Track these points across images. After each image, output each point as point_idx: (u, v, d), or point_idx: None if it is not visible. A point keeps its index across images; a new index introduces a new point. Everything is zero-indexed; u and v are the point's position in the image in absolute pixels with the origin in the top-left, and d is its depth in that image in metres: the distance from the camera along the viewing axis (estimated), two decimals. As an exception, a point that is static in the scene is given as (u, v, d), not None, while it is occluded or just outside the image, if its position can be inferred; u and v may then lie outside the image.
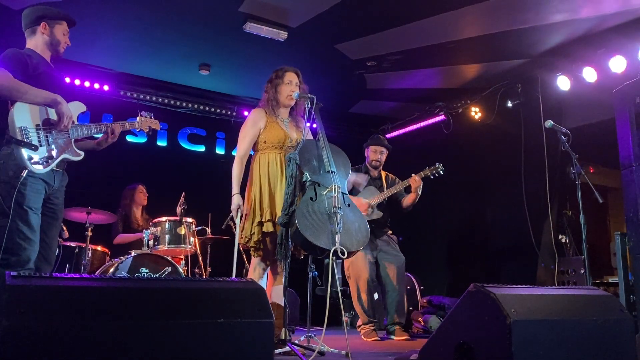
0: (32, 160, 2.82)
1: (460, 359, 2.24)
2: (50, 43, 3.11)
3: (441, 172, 4.84)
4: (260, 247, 3.45)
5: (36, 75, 2.94)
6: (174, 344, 1.74)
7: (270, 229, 3.39)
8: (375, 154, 5.05)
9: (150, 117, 3.58)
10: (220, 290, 1.95)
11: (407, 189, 4.93)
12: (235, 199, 3.50)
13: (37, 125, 2.89)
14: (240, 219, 3.50)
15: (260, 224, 3.42)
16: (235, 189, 3.53)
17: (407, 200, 4.91)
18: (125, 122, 3.37)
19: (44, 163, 2.87)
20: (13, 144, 2.79)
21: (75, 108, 3.11)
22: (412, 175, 4.81)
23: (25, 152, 2.80)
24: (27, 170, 2.79)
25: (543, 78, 5.84)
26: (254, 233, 3.42)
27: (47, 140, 2.91)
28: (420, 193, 4.80)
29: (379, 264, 4.93)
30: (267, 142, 3.56)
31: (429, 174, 4.84)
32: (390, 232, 5.07)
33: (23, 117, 2.84)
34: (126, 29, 5.28)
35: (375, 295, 5.13)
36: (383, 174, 5.10)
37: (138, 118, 3.52)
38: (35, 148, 2.82)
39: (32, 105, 2.89)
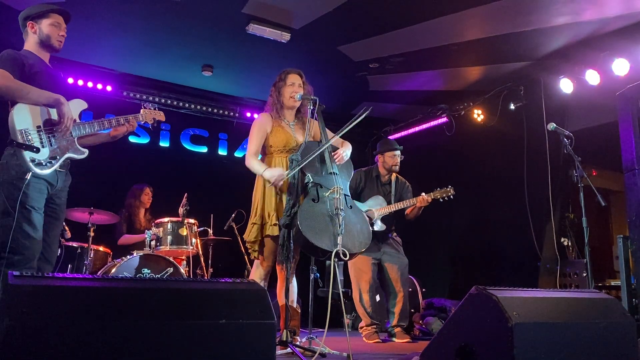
0: (35, 162, 2.81)
1: (461, 361, 2.23)
2: (41, 40, 3.07)
3: (451, 196, 4.73)
4: (257, 249, 3.45)
5: (32, 75, 2.91)
6: (175, 345, 1.74)
7: (275, 232, 3.38)
8: (394, 158, 4.95)
9: (155, 109, 3.56)
10: (222, 292, 1.95)
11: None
12: (267, 173, 3.40)
13: (39, 127, 2.87)
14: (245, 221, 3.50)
15: (259, 225, 3.43)
16: (261, 168, 3.45)
17: (410, 214, 4.88)
18: (129, 116, 3.35)
19: (47, 164, 2.86)
20: (15, 147, 2.79)
21: (77, 106, 3.10)
22: (422, 194, 4.73)
23: (27, 155, 2.79)
24: (30, 173, 2.78)
25: (546, 81, 5.83)
26: (257, 235, 3.43)
27: (50, 141, 2.90)
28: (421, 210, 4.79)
29: (382, 265, 4.92)
30: (274, 146, 3.56)
31: (439, 197, 4.73)
32: (395, 234, 5.06)
33: (23, 119, 2.82)
34: (129, 30, 5.30)
35: (377, 297, 5.12)
36: (393, 177, 5.04)
37: (142, 110, 3.49)
38: (37, 150, 2.81)
39: (32, 106, 2.86)
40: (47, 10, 3.08)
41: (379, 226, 4.79)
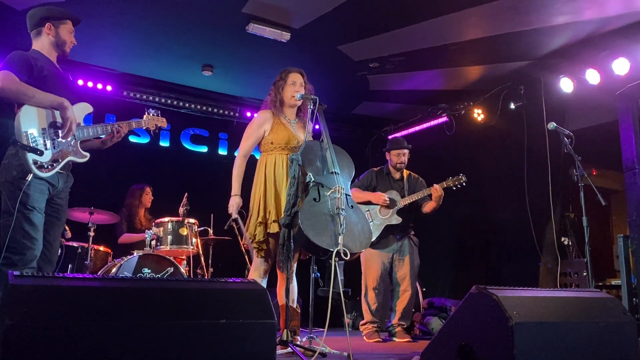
0: (37, 165, 2.83)
1: (462, 361, 2.24)
2: (56, 44, 3.11)
3: (464, 183, 4.77)
4: (263, 248, 3.44)
5: (42, 77, 2.94)
6: (176, 345, 1.74)
7: (275, 229, 3.38)
8: (399, 157, 4.99)
9: (157, 115, 3.59)
10: (222, 291, 1.95)
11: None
12: (235, 200, 3.51)
13: (43, 129, 2.89)
14: (245, 220, 3.50)
15: (263, 224, 3.42)
16: (236, 189, 3.54)
17: (428, 207, 4.86)
18: (131, 121, 3.37)
19: (49, 167, 2.88)
20: (19, 148, 2.80)
21: (82, 109, 3.12)
22: (434, 185, 4.74)
23: (30, 157, 2.81)
24: (32, 175, 2.80)
25: (546, 80, 5.83)
26: (257, 233, 3.42)
27: (53, 143, 2.92)
28: (441, 202, 4.74)
29: (393, 264, 4.92)
30: (274, 143, 3.55)
31: (452, 185, 4.76)
32: (412, 232, 5.05)
33: (29, 121, 2.85)
34: (129, 30, 5.30)
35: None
36: (405, 174, 5.06)
37: (145, 116, 3.54)
38: (40, 153, 2.84)
39: (39, 108, 2.89)
40: (67, 16, 3.14)
41: (395, 219, 4.81)
